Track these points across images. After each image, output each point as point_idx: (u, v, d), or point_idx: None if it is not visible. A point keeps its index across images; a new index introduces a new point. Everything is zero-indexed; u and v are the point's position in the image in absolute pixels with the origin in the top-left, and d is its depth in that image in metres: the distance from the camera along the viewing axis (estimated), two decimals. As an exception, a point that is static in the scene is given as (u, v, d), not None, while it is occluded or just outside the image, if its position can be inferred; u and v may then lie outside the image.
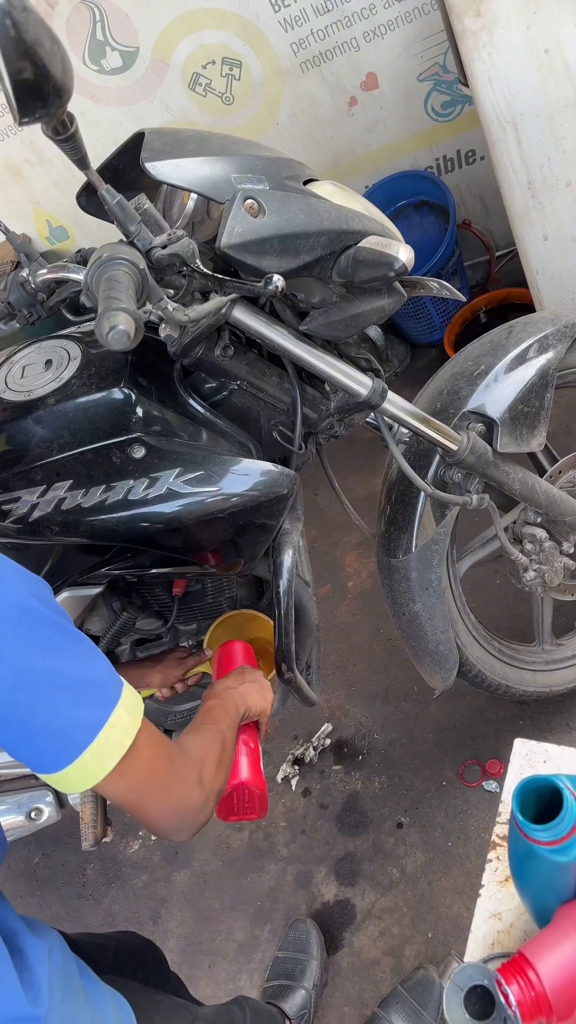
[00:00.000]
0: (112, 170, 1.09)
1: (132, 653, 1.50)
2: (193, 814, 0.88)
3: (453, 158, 2.67)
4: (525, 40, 1.69)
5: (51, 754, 0.76)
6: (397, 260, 1.04)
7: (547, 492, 1.42)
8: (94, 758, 0.77)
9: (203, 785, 0.89)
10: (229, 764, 1.00)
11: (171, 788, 0.85)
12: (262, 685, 1.21)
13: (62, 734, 0.75)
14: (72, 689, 0.76)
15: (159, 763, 0.84)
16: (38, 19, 0.66)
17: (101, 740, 0.77)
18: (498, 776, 1.76)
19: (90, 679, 0.78)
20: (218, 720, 1.04)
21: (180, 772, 0.87)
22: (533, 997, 0.69)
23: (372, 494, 2.33)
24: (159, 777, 0.84)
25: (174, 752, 0.89)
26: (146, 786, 0.83)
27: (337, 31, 2.39)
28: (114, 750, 0.78)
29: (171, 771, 0.86)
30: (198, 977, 1.78)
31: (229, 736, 1.03)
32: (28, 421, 1.09)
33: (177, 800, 0.86)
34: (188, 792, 0.87)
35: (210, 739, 0.98)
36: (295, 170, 1.10)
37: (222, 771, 0.95)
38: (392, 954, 1.64)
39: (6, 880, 2.20)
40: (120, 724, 0.79)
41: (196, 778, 0.89)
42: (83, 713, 0.76)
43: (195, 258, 0.95)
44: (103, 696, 0.79)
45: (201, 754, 0.93)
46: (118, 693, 0.80)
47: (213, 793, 0.91)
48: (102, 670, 0.81)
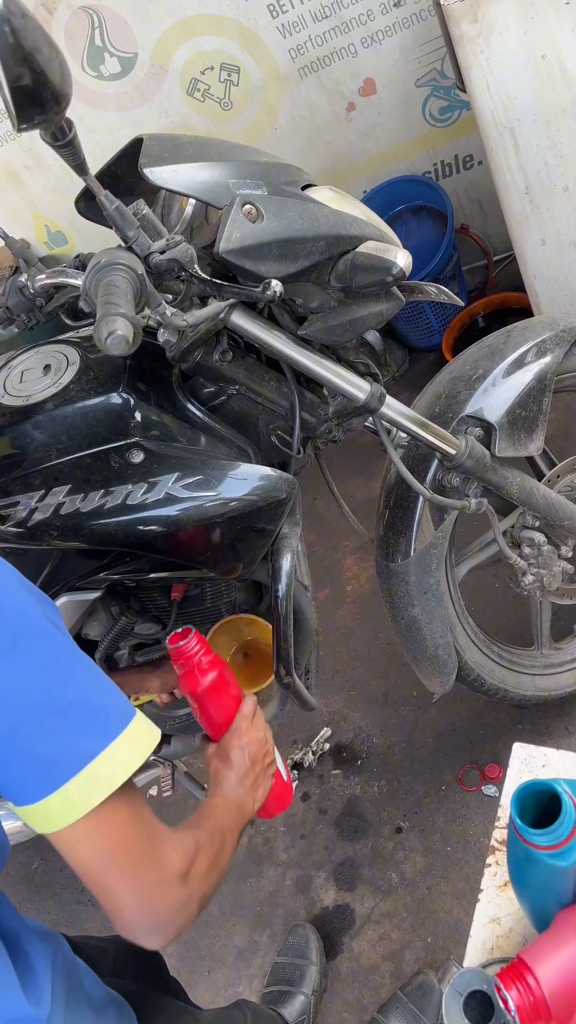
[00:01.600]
0: (111, 176, 1.10)
1: (131, 658, 1.49)
2: (168, 913, 0.76)
3: (451, 163, 2.68)
4: (522, 45, 1.69)
5: (29, 781, 0.69)
6: (395, 265, 1.05)
7: (545, 496, 1.42)
8: (79, 790, 0.69)
9: (188, 883, 0.77)
10: (224, 869, 0.87)
11: (146, 872, 0.74)
12: (267, 759, 1.09)
13: (44, 761, 0.69)
14: (66, 714, 0.70)
15: (138, 836, 0.74)
16: (36, 25, 0.66)
17: (90, 772, 0.70)
18: (497, 780, 1.76)
19: (90, 705, 0.72)
20: (220, 819, 0.94)
21: (162, 858, 0.76)
22: (532, 1002, 0.69)
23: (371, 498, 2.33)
24: (133, 854, 0.73)
25: (160, 834, 0.77)
26: (115, 859, 0.72)
27: (335, 37, 2.40)
28: (104, 784, 0.70)
29: (150, 853, 0.75)
30: (197, 983, 1.78)
31: (230, 839, 0.92)
32: (27, 426, 1.09)
33: (150, 890, 0.74)
34: (167, 885, 0.75)
35: (209, 835, 0.87)
36: (293, 175, 1.10)
37: (214, 875, 0.84)
38: (391, 959, 1.63)
39: (5, 886, 2.19)
40: (118, 757, 0.71)
41: (181, 871, 0.77)
42: (75, 741, 0.70)
43: (193, 263, 0.95)
44: (102, 725, 0.72)
45: (195, 848, 0.81)
46: (123, 724, 0.73)
47: (198, 897, 0.79)
48: (106, 697, 0.75)
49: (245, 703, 1.12)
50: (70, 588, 1.23)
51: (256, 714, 1.12)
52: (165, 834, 0.78)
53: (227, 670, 1.13)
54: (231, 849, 0.91)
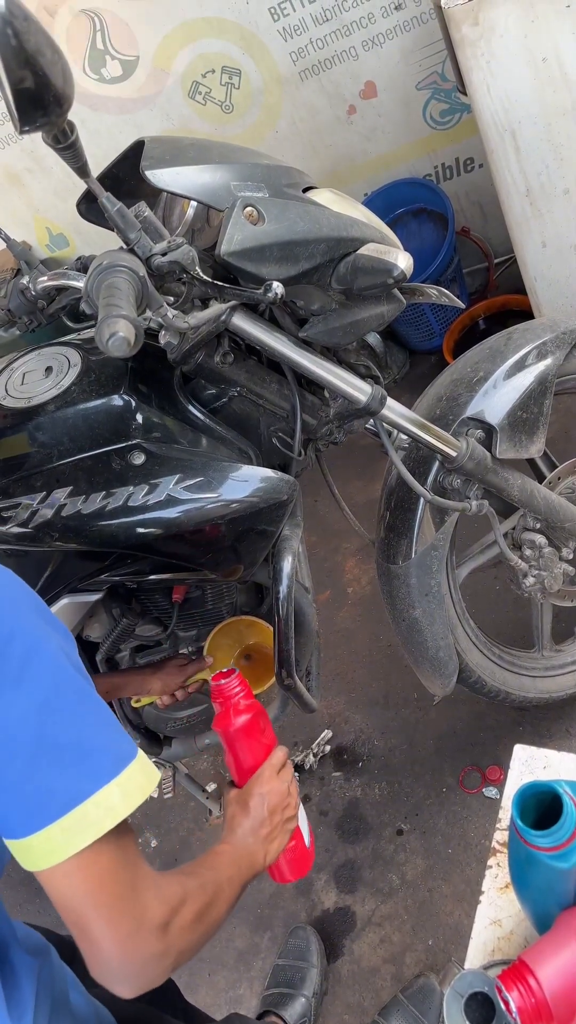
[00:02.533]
0: (112, 178, 1.10)
1: (132, 660, 1.50)
2: (141, 963, 0.73)
3: (452, 166, 2.68)
4: (523, 48, 1.70)
5: (15, 817, 0.68)
6: (396, 267, 1.05)
7: (546, 498, 1.42)
8: (63, 832, 0.68)
9: (167, 935, 0.74)
10: (214, 922, 0.83)
11: (122, 919, 0.71)
12: (287, 814, 1.05)
13: (33, 798, 0.68)
14: (60, 753, 0.69)
15: (119, 881, 0.72)
16: (39, 28, 0.67)
17: (77, 815, 0.68)
18: (498, 782, 1.76)
19: (86, 747, 0.70)
20: (221, 869, 0.90)
21: (142, 906, 0.73)
22: (534, 1004, 0.69)
23: (371, 500, 2.33)
24: (112, 899, 0.71)
25: (145, 880, 0.75)
26: (93, 902, 0.70)
27: (336, 40, 2.40)
28: (90, 828, 0.69)
29: (130, 899, 0.72)
30: (198, 985, 1.78)
31: (228, 892, 0.87)
32: (28, 428, 1.10)
33: (125, 937, 0.71)
34: (144, 935, 0.72)
35: (199, 887, 0.83)
36: (294, 178, 1.11)
37: (201, 927, 0.80)
38: (392, 961, 1.63)
39: (6, 888, 2.19)
40: (107, 803, 0.70)
41: (162, 922, 0.74)
42: (64, 782, 0.69)
43: (195, 265, 0.96)
44: (95, 767, 0.71)
45: (180, 898, 0.78)
46: (118, 768, 0.72)
47: (176, 951, 0.75)
48: (105, 740, 0.73)
49: (275, 753, 1.09)
50: (71, 590, 1.24)
51: (285, 767, 1.09)
52: (150, 880, 0.75)
53: (264, 718, 1.12)
54: (228, 902, 0.87)
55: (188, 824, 2.08)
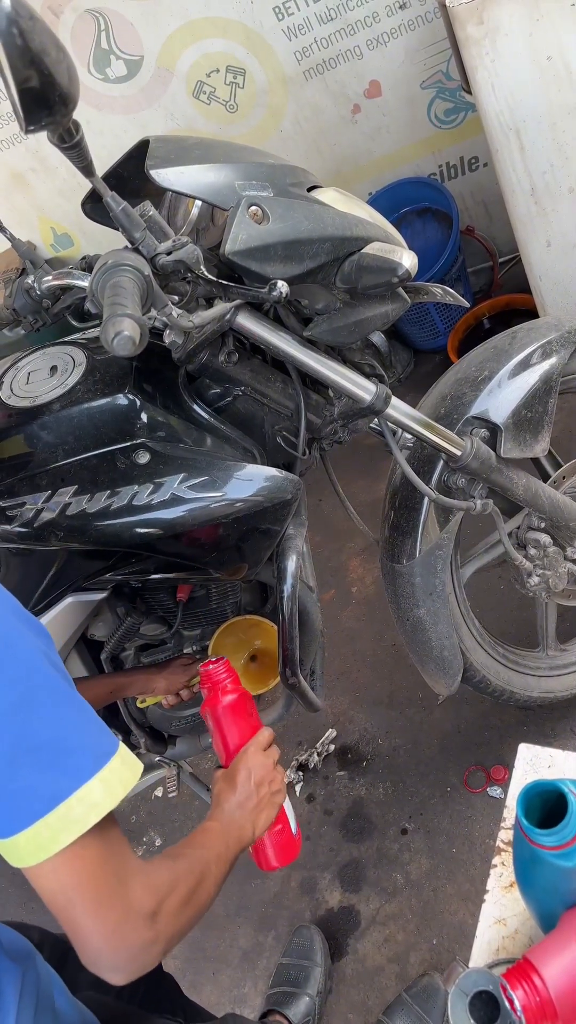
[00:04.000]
0: (117, 177, 1.10)
1: (136, 659, 1.50)
2: (131, 952, 0.74)
3: (456, 165, 2.68)
4: (527, 47, 1.69)
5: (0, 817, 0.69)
6: (400, 266, 1.05)
7: (551, 497, 1.42)
8: (48, 830, 0.68)
9: (156, 923, 0.75)
10: (204, 903, 0.84)
11: (110, 910, 0.72)
12: (273, 787, 1.06)
13: (16, 798, 0.68)
14: (39, 753, 0.69)
15: (106, 874, 0.72)
16: (44, 28, 0.67)
17: (60, 812, 0.69)
18: (502, 782, 1.76)
19: (65, 745, 0.71)
20: (209, 847, 0.91)
21: (129, 896, 0.74)
22: (538, 1002, 0.69)
23: (376, 499, 2.33)
24: (100, 890, 0.72)
25: (131, 870, 0.75)
26: (80, 895, 0.71)
27: (340, 39, 2.40)
28: (74, 825, 0.69)
29: (117, 891, 0.73)
30: (202, 984, 1.78)
31: (215, 870, 0.88)
32: (33, 427, 1.10)
33: (115, 928, 0.72)
34: (132, 924, 0.73)
35: (187, 870, 0.84)
36: (299, 177, 1.10)
37: (189, 911, 0.81)
38: (397, 961, 1.63)
39: (9, 886, 2.19)
40: (89, 799, 0.70)
41: (150, 911, 0.75)
42: (45, 781, 0.69)
43: (199, 264, 0.96)
44: (76, 765, 0.71)
45: (169, 885, 0.79)
46: (98, 765, 0.72)
47: (166, 937, 0.77)
48: (84, 737, 0.73)
49: (261, 732, 1.11)
50: (76, 588, 1.24)
51: (271, 747, 1.11)
52: (136, 870, 0.76)
53: (251, 702, 1.14)
54: (216, 881, 0.88)
55: (192, 823, 2.08)
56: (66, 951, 1.18)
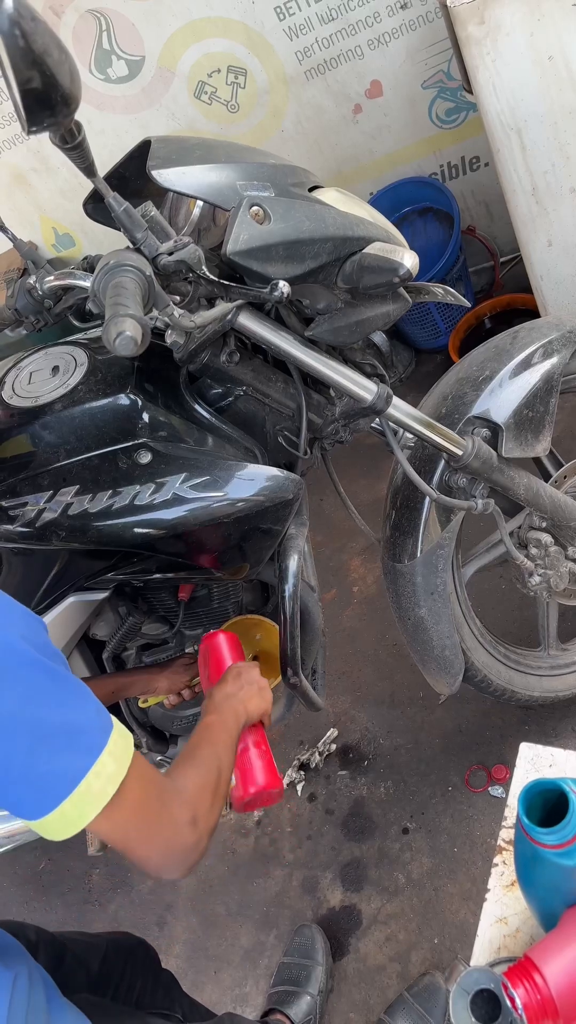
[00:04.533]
0: (118, 178, 1.10)
1: (138, 658, 1.50)
2: (184, 854, 0.84)
3: (457, 164, 2.68)
4: (529, 47, 1.69)
5: (29, 803, 0.74)
6: (402, 266, 1.05)
7: (552, 497, 1.42)
8: (74, 807, 0.74)
9: (197, 825, 0.85)
10: (226, 791, 0.96)
11: (161, 829, 0.82)
12: (260, 684, 1.18)
13: (40, 783, 0.73)
14: (54, 738, 0.74)
15: (149, 804, 0.81)
16: (46, 29, 0.67)
17: (82, 789, 0.74)
18: (504, 781, 1.76)
19: (74, 726, 0.76)
20: (215, 741, 1.00)
21: (172, 812, 0.83)
22: (539, 1000, 0.69)
23: (377, 499, 2.33)
24: (148, 819, 0.81)
25: (167, 790, 0.85)
26: (133, 828, 0.80)
27: (342, 39, 2.40)
28: (96, 798, 0.75)
29: (162, 811, 0.82)
30: (204, 983, 1.78)
31: (226, 758, 0.99)
32: (35, 427, 1.10)
33: (168, 841, 0.82)
34: (180, 833, 0.83)
35: (206, 769, 0.93)
36: (300, 177, 1.11)
37: (218, 803, 0.92)
38: (398, 960, 1.63)
39: (11, 886, 2.20)
40: (105, 772, 0.76)
41: (189, 817, 0.85)
42: (64, 763, 0.74)
43: (201, 265, 0.96)
44: (87, 744, 0.76)
45: (197, 790, 0.89)
46: (105, 739, 0.78)
47: (207, 831, 0.87)
48: (89, 715, 0.78)
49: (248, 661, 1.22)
50: (78, 588, 1.24)
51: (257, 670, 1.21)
52: (170, 791, 0.85)
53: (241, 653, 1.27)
54: (228, 767, 0.99)
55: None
56: (62, 949, 1.18)
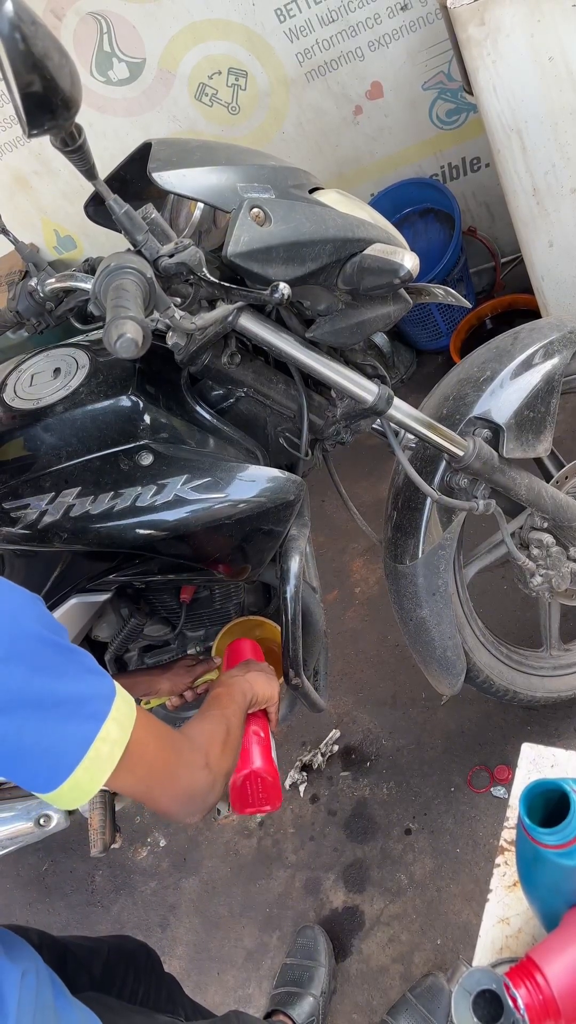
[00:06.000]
0: (119, 180, 1.10)
1: (140, 660, 1.50)
2: (202, 796, 0.90)
3: (458, 165, 2.68)
4: (529, 48, 1.70)
5: (42, 774, 0.76)
6: (402, 267, 1.05)
7: (553, 497, 1.42)
8: (86, 773, 0.77)
9: (210, 768, 0.91)
10: (236, 747, 1.02)
11: (179, 776, 0.87)
12: (268, 673, 1.23)
13: (51, 754, 0.75)
14: (60, 708, 0.76)
15: (165, 754, 0.86)
16: (47, 32, 0.67)
17: (92, 755, 0.77)
18: (506, 782, 1.76)
19: (79, 695, 0.78)
20: (224, 706, 1.06)
21: (186, 758, 0.89)
22: (541, 1001, 0.69)
23: (379, 500, 2.33)
24: (166, 768, 0.86)
25: (178, 740, 0.90)
26: (153, 778, 0.85)
27: (342, 41, 2.40)
28: (105, 763, 0.78)
29: (178, 759, 0.88)
30: (207, 984, 1.78)
31: (235, 720, 1.04)
32: (37, 429, 1.10)
33: (187, 785, 0.88)
34: (196, 776, 0.89)
35: (215, 723, 1.00)
36: (300, 179, 1.11)
37: (228, 753, 0.98)
38: (401, 961, 1.63)
39: (14, 888, 2.20)
40: (110, 737, 0.79)
41: (203, 762, 0.91)
42: (71, 730, 0.76)
43: (202, 267, 0.96)
44: (92, 711, 0.78)
45: (207, 739, 0.95)
46: (108, 705, 0.80)
47: (221, 774, 0.93)
48: (92, 683, 0.80)
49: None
50: (80, 590, 1.24)
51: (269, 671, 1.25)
52: (180, 740, 0.90)
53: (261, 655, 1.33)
54: (238, 728, 1.04)
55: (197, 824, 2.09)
56: (64, 953, 1.19)
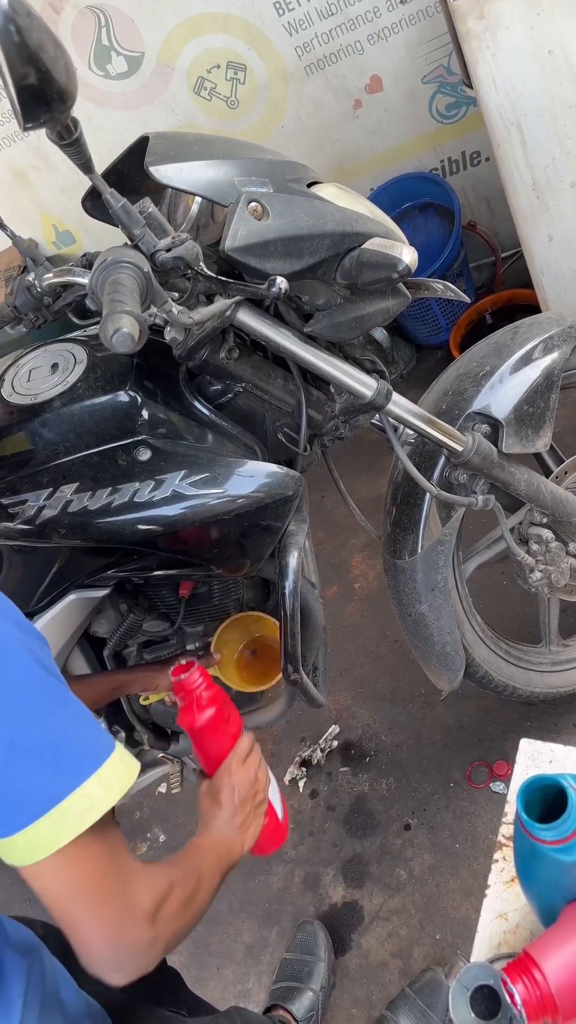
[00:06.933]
0: (117, 174, 1.10)
1: (139, 655, 1.50)
2: (133, 952, 0.75)
3: (458, 159, 2.68)
4: (528, 41, 1.69)
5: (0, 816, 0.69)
6: (400, 261, 1.05)
7: (553, 493, 1.41)
8: (46, 830, 0.69)
9: (156, 924, 0.76)
10: (197, 914, 0.85)
11: (113, 909, 0.73)
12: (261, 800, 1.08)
13: (14, 799, 0.68)
14: (36, 755, 0.69)
15: (107, 873, 0.73)
16: (41, 25, 0.67)
17: (58, 813, 0.69)
18: (505, 777, 1.76)
19: (62, 745, 0.71)
20: (202, 858, 0.93)
21: (131, 896, 0.75)
22: (538, 996, 0.69)
23: (378, 496, 2.33)
24: (101, 890, 0.73)
25: (132, 871, 0.76)
26: (81, 894, 0.72)
27: (341, 34, 2.39)
28: (71, 826, 0.69)
29: (120, 889, 0.74)
30: (206, 979, 1.79)
31: (209, 880, 0.90)
32: (34, 424, 1.10)
33: (116, 928, 0.73)
34: (133, 924, 0.74)
35: (184, 875, 0.86)
36: (299, 173, 1.10)
37: (186, 916, 0.82)
38: (400, 956, 1.64)
39: (13, 883, 2.20)
40: (88, 799, 0.70)
41: (150, 910, 0.76)
42: (42, 781, 0.69)
43: (199, 261, 0.96)
44: (73, 766, 0.71)
45: (166, 887, 0.80)
46: (96, 764, 0.72)
47: (165, 938, 0.77)
48: (82, 737, 0.74)
49: (241, 741, 1.10)
50: (78, 585, 1.24)
51: (252, 752, 1.11)
52: (137, 871, 0.77)
53: (229, 706, 1.12)
54: (209, 891, 0.89)
55: (196, 819, 2.09)
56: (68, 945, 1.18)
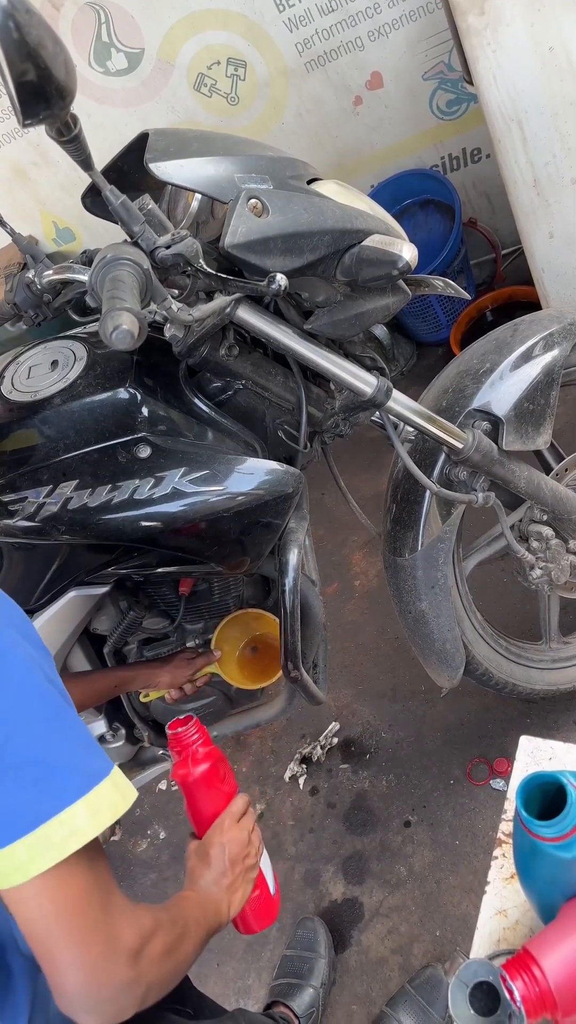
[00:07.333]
0: (117, 171, 1.10)
1: (139, 653, 1.50)
2: (112, 992, 0.69)
3: (458, 156, 2.67)
4: (529, 37, 1.68)
5: None
6: (401, 258, 1.04)
7: (553, 490, 1.41)
8: (27, 851, 0.65)
9: (139, 963, 0.71)
10: (182, 961, 0.81)
11: (93, 943, 0.68)
12: (251, 863, 1.03)
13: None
14: (23, 770, 0.66)
15: (90, 904, 0.68)
16: (41, 21, 0.67)
17: (40, 835, 0.65)
18: (505, 774, 1.76)
19: (52, 764, 0.68)
20: (189, 909, 0.89)
21: (113, 930, 0.70)
22: (538, 993, 0.69)
23: (378, 493, 2.33)
24: (82, 920, 0.68)
25: (117, 905, 0.71)
26: (60, 924, 0.67)
27: (342, 30, 2.39)
28: (52, 849, 0.66)
29: (102, 922, 0.69)
30: (207, 975, 1.79)
31: (194, 932, 0.86)
32: (34, 421, 1.10)
33: (96, 963, 0.68)
34: (115, 961, 0.69)
35: (170, 920, 0.81)
36: (299, 169, 1.10)
37: (170, 963, 0.77)
38: (400, 952, 1.64)
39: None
40: (72, 823, 0.67)
41: (132, 948, 0.71)
42: (27, 800, 0.66)
43: (199, 258, 0.96)
44: (60, 787, 0.68)
45: (152, 927, 0.75)
46: (86, 787, 0.69)
47: (147, 981, 0.72)
48: (75, 758, 0.70)
49: (235, 801, 1.06)
50: (79, 583, 1.24)
51: (246, 814, 1.06)
52: (122, 906, 0.72)
53: (224, 765, 1.09)
54: (194, 944, 0.84)
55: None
56: None
